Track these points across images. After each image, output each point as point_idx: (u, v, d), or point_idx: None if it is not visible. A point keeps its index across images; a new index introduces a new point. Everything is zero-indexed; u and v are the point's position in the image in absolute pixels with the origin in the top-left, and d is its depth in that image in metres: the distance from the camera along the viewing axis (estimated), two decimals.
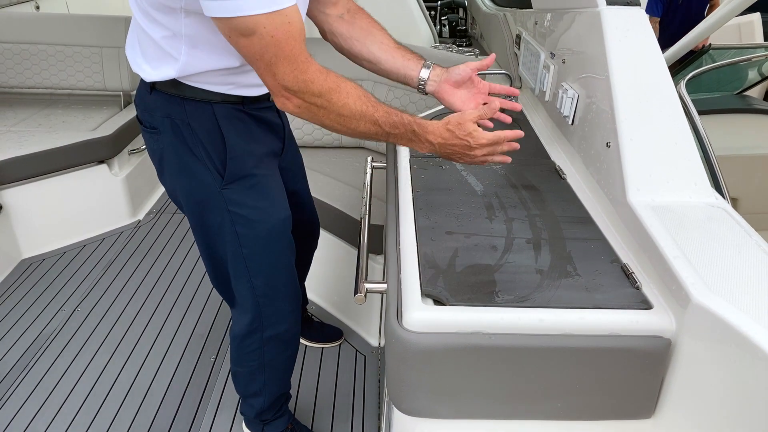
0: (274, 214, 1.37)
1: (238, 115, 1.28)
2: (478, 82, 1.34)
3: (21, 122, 2.91)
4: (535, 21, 1.90)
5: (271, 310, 1.46)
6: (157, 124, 1.26)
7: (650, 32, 1.28)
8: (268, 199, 1.36)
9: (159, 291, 2.50)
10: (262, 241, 1.37)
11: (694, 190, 1.10)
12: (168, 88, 1.22)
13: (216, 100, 1.24)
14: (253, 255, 1.38)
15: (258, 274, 1.41)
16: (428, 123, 1.15)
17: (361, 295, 1.12)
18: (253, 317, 1.47)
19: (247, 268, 1.39)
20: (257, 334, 1.49)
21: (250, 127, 1.32)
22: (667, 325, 0.88)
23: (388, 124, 1.12)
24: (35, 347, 2.16)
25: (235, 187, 1.31)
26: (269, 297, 1.45)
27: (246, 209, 1.33)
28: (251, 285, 1.42)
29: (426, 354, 0.89)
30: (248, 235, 1.35)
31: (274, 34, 0.99)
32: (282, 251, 1.43)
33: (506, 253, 1.05)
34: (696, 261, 0.90)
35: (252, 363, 1.55)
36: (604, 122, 1.24)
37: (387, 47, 1.36)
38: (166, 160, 1.31)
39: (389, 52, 1.36)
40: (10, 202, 2.59)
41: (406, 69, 1.35)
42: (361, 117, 1.10)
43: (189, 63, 1.17)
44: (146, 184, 3.23)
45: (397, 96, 2.41)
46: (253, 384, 1.61)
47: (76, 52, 3.05)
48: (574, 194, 1.28)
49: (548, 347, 0.88)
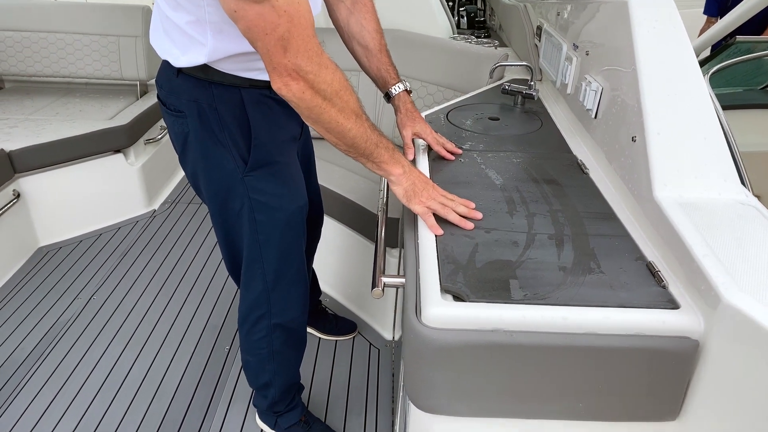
0: (293, 202, 1.38)
1: (265, 100, 1.28)
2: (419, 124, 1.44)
3: (39, 111, 2.92)
4: (557, 12, 1.86)
5: (279, 296, 1.47)
6: (182, 107, 1.26)
7: (680, 24, 1.24)
8: (287, 186, 1.37)
9: (173, 281, 2.51)
10: (279, 229, 1.38)
11: (723, 186, 1.06)
12: (195, 72, 1.22)
13: (244, 85, 1.24)
14: (269, 241, 1.39)
15: (271, 260, 1.42)
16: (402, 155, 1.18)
17: (379, 289, 1.10)
18: (262, 303, 1.48)
19: (261, 254, 1.40)
20: (265, 321, 1.50)
21: (275, 113, 1.31)
22: (695, 325, 0.85)
23: (375, 133, 1.13)
24: (51, 335, 2.18)
25: (257, 174, 1.31)
26: (279, 283, 1.46)
27: (266, 196, 1.33)
28: (263, 271, 1.43)
29: (445, 350, 0.87)
30: (266, 222, 1.36)
31: (287, 9, 0.96)
32: (296, 239, 1.44)
33: (528, 248, 1.02)
34: (726, 260, 0.86)
35: (261, 351, 1.56)
36: (629, 116, 1.20)
37: (369, 53, 1.43)
38: (189, 144, 1.30)
39: (369, 59, 1.43)
40: (27, 190, 2.61)
41: (382, 82, 1.45)
42: (356, 119, 1.09)
43: (216, 48, 1.16)
44: (162, 174, 3.24)
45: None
46: (263, 374, 1.62)
47: (93, 41, 3.06)
48: (597, 189, 1.25)
49: (571, 346, 0.86)
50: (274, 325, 1.51)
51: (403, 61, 2.38)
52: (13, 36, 3.05)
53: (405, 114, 1.45)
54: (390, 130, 2.45)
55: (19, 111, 2.90)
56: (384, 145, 1.15)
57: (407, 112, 1.45)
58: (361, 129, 1.10)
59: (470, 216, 1.11)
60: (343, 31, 1.44)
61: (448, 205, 1.12)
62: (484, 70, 2.14)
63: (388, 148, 1.16)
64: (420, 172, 1.20)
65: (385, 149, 1.15)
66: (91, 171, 2.77)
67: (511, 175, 1.32)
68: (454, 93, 2.21)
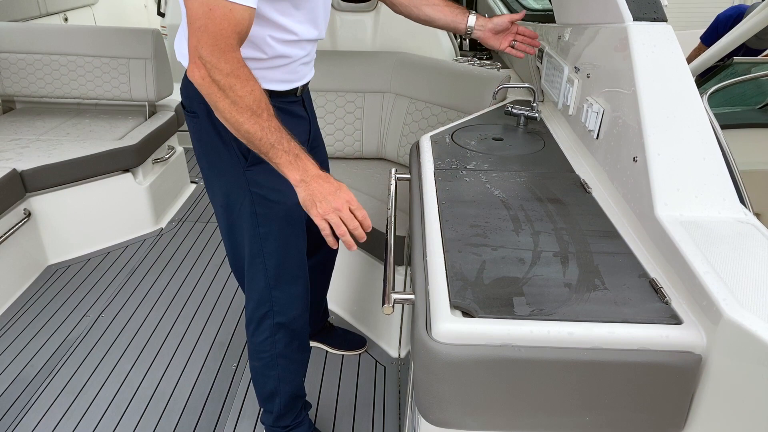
0: (291, 197, 1.40)
1: None
2: (512, 27, 1.73)
3: (49, 131, 2.98)
4: (558, 35, 1.91)
5: (280, 293, 1.53)
6: (195, 108, 1.38)
7: (677, 47, 1.28)
8: (286, 182, 1.40)
9: (181, 299, 2.54)
10: (278, 222, 1.46)
11: (723, 205, 1.09)
12: None
13: None
14: (269, 235, 1.46)
15: (272, 254, 1.48)
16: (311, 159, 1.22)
17: (390, 306, 1.13)
18: (264, 301, 1.53)
19: (262, 248, 1.47)
20: (268, 320, 1.55)
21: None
22: (698, 340, 0.88)
23: (274, 135, 1.18)
24: (60, 353, 2.20)
25: (257, 168, 1.39)
26: (280, 279, 1.52)
27: (265, 190, 1.41)
28: (264, 266, 1.49)
29: (455, 365, 0.90)
30: (266, 215, 1.44)
31: (213, 8, 1.10)
32: (296, 234, 1.51)
33: (533, 266, 1.05)
34: (727, 277, 0.89)
35: (265, 353, 1.60)
36: (630, 137, 1.24)
37: (438, 7, 1.68)
38: (201, 142, 1.42)
39: (440, 10, 1.68)
40: (38, 209, 2.65)
41: (456, 22, 1.69)
42: (251, 116, 1.15)
43: None
44: (169, 193, 3.28)
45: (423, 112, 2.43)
46: (269, 381, 1.65)
47: (104, 63, 3.13)
48: (599, 208, 1.28)
49: (578, 360, 0.88)
50: (277, 324, 1.56)
51: (408, 83, 2.44)
52: (26, 58, 3.12)
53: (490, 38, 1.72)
54: (395, 148, 2.50)
55: (31, 131, 2.96)
56: (283, 148, 1.18)
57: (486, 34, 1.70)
58: (256, 127, 1.16)
59: (355, 233, 1.21)
60: (407, 8, 1.68)
61: (344, 218, 1.19)
62: (487, 92, 2.19)
63: (288, 152, 1.19)
64: (326, 178, 1.21)
65: (284, 152, 1.19)
66: (100, 190, 2.81)
67: (516, 194, 1.36)
68: (457, 114, 2.26)
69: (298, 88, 1.47)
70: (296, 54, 1.38)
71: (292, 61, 1.39)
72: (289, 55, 1.36)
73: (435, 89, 2.35)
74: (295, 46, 1.37)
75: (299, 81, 1.46)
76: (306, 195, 1.21)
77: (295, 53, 1.38)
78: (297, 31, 1.33)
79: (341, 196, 1.20)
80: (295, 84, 1.44)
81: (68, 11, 4.44)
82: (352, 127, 2.52)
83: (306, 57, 1.44)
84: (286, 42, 1.34)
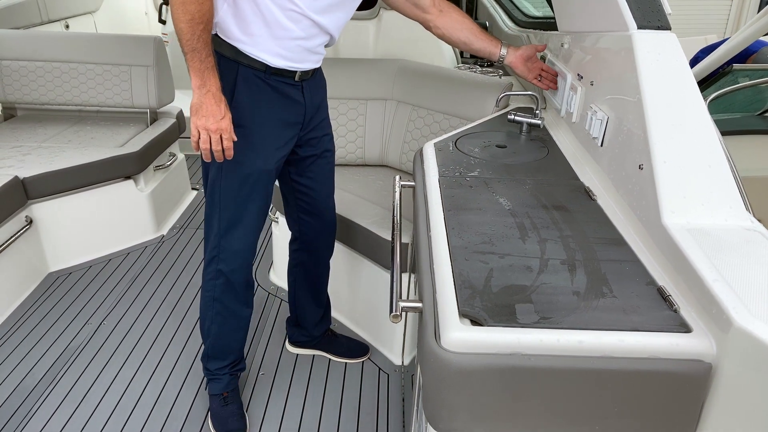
0: (257, 164, 1.61)
1: (257, 81, 1.54)
2: (536, 60, 1.93)
3: (51, 138, 2.98)
4: (561, 43, 1.92)
5: (227, 244, 1.69)
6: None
7: (682, 55, 1.29)
8: (254, 147, 1.59)
9: (183, 305, 2.53)
10: (239, 180, 1.62)
11: (729, 213, 1.10)
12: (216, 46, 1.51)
13: (243, 62, 1.52)
14: (228, 189, 1.63)
15: (226, 207, 1.65)
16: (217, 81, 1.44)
17: (397, 314, 1.13)
18: (214, 246, 1.70)
19: (220, 199, 1.64)
20: (214, 264, 1.73)
21: (266, 94, 1.57)
22: (708, 349, 0.88)
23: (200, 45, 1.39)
24: (62, 360, 2.19)
25: (237, 131, 1.52)
26: (229, 231, 1.67)
27: (237, 150, 1.53)
28: (219, 216, 1.66)
29: (464, 374, 0.89)
30: (228, 170, 1.60)
31: None
32: (254, 196, 1.65)
33: (541, 273, 1.05)
34: (735, 284, 0.90)
35: (207, 293, 1.78)
36: (635, 144, 1.25)
37: (474, 34, 1.85)
38: None
39: (478, 37, 1.86)
40: (39, 216, 2.64)
41: (490, 49, 1.87)
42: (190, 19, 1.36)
43: (222, 19, 1.48)
44: (170, 200, 3.28)
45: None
46: (206, 319, 1.83)
47: (106, 71, 3.13)
48: (605, 215, 1.28)
49: (587, 369, 0.88)
50: (219, 270, 1.73)
51: (410, 90, 2.45)
52: (27, 66, 3.12)
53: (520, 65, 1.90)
54: (397, 155, 2.50)
55: (32, 138, 2.95)
56: (199, 58, 1.40)
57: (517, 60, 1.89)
58: (190, 30, 1.37)
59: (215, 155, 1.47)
60: (446, 31, 1.84)
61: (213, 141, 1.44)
62: (489, 99, 2.19)
63: (202, 62, 1.40)
64: (219, 100, 1.44)
65: (200, 61, 1.40)
66: (101, 197, 2.81)
67: (521, 201, 1.36)
68: (460, 121, 2.27)
69: (296, 72, 1.58)
70: (294, 30, 1.50)
71: (291, 39, 1.52)
72: (286, 28, 1.49)
73: (437, 96, 2.36)
74: (295, 22, 1.49)
75: (297, 63, 1.57)
76: (197, 102, 1.42)
77: (293, 29, 1.50)
78: (299, 3, 1.46)
79: (221, 124, 1.43)
80: (291, 64, 1.56)
81: (69, 18, 4.44)
82: (354, 134, 2.52)
83: (306, 42, 1.55)
84: (286, 10, 1.47)
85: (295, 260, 2.03)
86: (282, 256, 2.61)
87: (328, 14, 1.54)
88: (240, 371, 1.96)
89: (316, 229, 1.94)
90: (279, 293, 2.63)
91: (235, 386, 1.94)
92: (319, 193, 1.87)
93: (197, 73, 1.41)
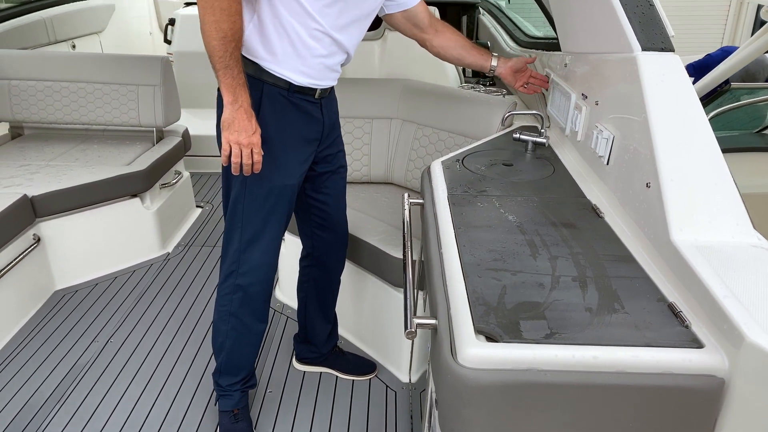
0: (281, 179, 1.64)
1: (280, 99, 1.59)
2: (525, 70, 2.05)
3: (58, 157, 3.00)
4: (565, 63, 1.96)
5: (248, 258, 1.71)
6: None
7: (685, 76, 1.32)
8: (278, 165, 1.64)
9: (190, 322, 2.54)
10: (263, 195, 1.65)
11: (736, 230, 1.12)
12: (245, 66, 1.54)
13: (267, 80, 1.56)
14: (252, 204, 1.66)
15: (250, 221, 1.67)
16: (248, 96, 1.48)
17: (413, 330, 1.14)
18: (234, 261, 1.72)
19: (243, 214, 1.67)
20: (231, 279, 1.74)
21: (289, 112, 1.62)
22: (720, 364, 0.89)
23: (232, 62, 1.44)
24: (70, 378, 2.19)
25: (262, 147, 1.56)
26: (251, 246, 1.70)
27: (262, 164, 1.56)
28: (241, 231, 1.69)
29: (481, 390, 0.91)
30: (254, 185, 1.63)
31: None
32: (277, 210, 1.69)
33: (553, 290, 1.07)
34: (746, 300, 0.91)
35: (223, 308, 1.78)
36: (642, 163, 1.27)
37: (466, 50, 1.97)
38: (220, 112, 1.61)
39: (470, 52, 1.98)
40: (47, 234, 2.66)
41: (482, 60, 1.99)
42: (222, 38, 1.40)
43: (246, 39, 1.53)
44: (175, 217, 3.30)
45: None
46: (219, 334, 1.83)
47: (113, 90, 3.17)
48: (613, 232, 1.31)
49: (602, 384, 0.90)
50: (237, 285, 1.73)
51: (415, 109, 2.48)
52: (36, 85, 3.16)
53: (509, 75, 2.03)
54: (402, 173, 2.53)
55: (40, 157, 2.98)
56: (232, 75, 1.44)
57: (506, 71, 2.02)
58: (221, 48, 1.41)
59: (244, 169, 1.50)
60: (442, 49, 1.96)
61: (244, 154, 1.47)
62: (494, 118, 2.23)
63: (234, 78, 1.45)
64: (250, 116, 1.48)
65: (232, 77, 1.44)
66: (108, 215, 2.83)
67: (530, 218, 1.38)
68: (464, 139, 2.30)
69: (316, 90, 1.64)
70: (317, 48, 1.57)
71: (313, 57, 1.58)
72: (309, 46, 1.55)
73: (442, 115, 2.40)
74: (317, 40, 1.55)
75: (318, 81, 1.63)
76: (229, 117, 1.46)
77: (315, 47, 1.56)
78: (321, 22, 1.53)
79: (252, 139, 1.47)
80: (313, 82, 1.62)
81: (76, 39, 4.50)
82: (360, 152, 2.55)
83: (327, 59, 1.61)
84: (310, 29, 1.53)
85: (306, 276, 2.04)
86: (288, 274, 2.63)
87: (346, 32, 1.60)
88: (251, 387, 1.96)
89: (329, 244, 1.96)
90: (285, 311, 2.64)
91: (245, 403, 1.94)
92: (333, 207, 1.91)
93: (229, 89, 1.45)
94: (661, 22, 1.43)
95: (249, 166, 1.50)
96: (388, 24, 1.97)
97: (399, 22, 1.90)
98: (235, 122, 1.45)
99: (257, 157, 1.49)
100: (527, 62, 2.05)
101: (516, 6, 3.98)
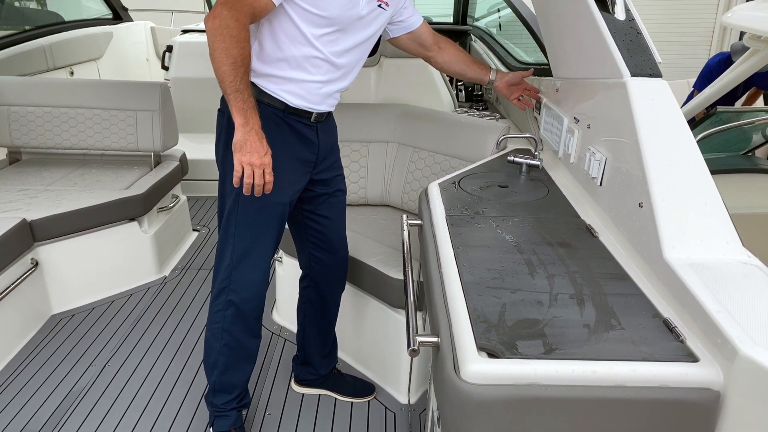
0: (270, 196, 1.62)
1: (276, 120, 1.65)
2: (522, 83, 2.13)
3: (57, 181, 3.02)
4: (557, 88, 2.02)
5: (239, 274, 1.74)
6: (222, 106, 1.68)
7: (673, 100, 1.38)
8: (275, 183, 1.62)
9: (187, 346, 2.53)
10: (254, 211, 1.69)
11: (726, 248, 1.16)
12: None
13: (263, 101, 1.62)
14: (244, 220, 1.69)
15: (241, 237, 1.71)
16: (258, 119, 1.52)
17: (416, 348, 1.17)
18: (225, 277, 1.75)
19: (234, 231, 1.71)
20: (224, 295, 1.77)
21: (283, 131, 1.67)
22: (715, 377, 0.92)
23: (242, 86, 1.47)
24: (66, 403, 2.18)
25: None
26: (242, 262, 1.73)
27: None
28: (232, 247, 1.72)
29: (485, 405, 0.93)
30: (245, 202, 1.67)
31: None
32: (269, 227, 1.73)
33: (551, 307, 1.10)
34: (738, 315, 0.95)
35: (215, 324, 1.81)
36: (634, 184, 1.32)
37: (467, 65, 2.08)
38: (221, 132, 1.70)
39: (470, 67, 2.08)
40: (45, 258, 2.67)
41: (481, 76, 2.10)
42: (232, 63, 1.45)
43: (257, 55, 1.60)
44: (172, 241, 3.31)
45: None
46: (212, 352, 1.85)
47: (112, 116, 3.21)
48: (607, 251, 1.34)
49: (602, 398, 0.92)
50: (229, 301, 1.76)
51: (410, 133, 2.54)
52: (35, 111, 3.20)
53: (504, 89, 2.12)
54: (399, 195, 2.57)
55: (38, 182, 3.00)
56: (242, 98, 1.48)
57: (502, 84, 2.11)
58: (232, 73, 1.45)
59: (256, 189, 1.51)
60: (445, 65, 2.06)
61: (256, 174, 1.49)
62: (488, 141, 2.28)
63: (245, 101, 1.48)
64: (262, 138, 1.51)
65: (242, 101, 1.48)
66: (106, 239, 2.84)
67: (527, 238, 1.42)
68: (459, 162, 2.35)
69: (312, 113, 1.69)
70: (314, 74, 1.64)
71: (311, 82, 1.65)
72: (308, 71, 1.63)
73: (437, 139, 2.45)
74: (316, 67, 1.63)
75: (314, 105, 1.69)
76: (241, 139, 1.49)
77: (313, 72, 1.63)
78: (322, 49, 1.60)
79: (264, 159, 1.50)
80: (309, 105, 1.68)
81: (74, 65, 4.56)
82: (357, 174, 2.59)
83: (321, 86, 1.67)
84: (309, 57, 1.60)
85: (305, 297, 2.06)
86: (285, 296, 2.64)
87: (347, 56, 1.68)
88: (245, 406, 1.97)
89: (327, 266, 1.99)
90: (282, 333, 2.64)
91: (241, 423, 1.95)
92: (330, 230, 1.93)
93: (240, 113, 1.49)
94: (648, 49, 1.49)
95: (261, 186, 1.52)
96: (393, 45, 2.04)
97: (405, 44, 1.98)
98: (247, 144, 1.49)
99: (269, 177, 1.52)
100: (524, 76, 2.12)
101: (507, 32, 4.09)
